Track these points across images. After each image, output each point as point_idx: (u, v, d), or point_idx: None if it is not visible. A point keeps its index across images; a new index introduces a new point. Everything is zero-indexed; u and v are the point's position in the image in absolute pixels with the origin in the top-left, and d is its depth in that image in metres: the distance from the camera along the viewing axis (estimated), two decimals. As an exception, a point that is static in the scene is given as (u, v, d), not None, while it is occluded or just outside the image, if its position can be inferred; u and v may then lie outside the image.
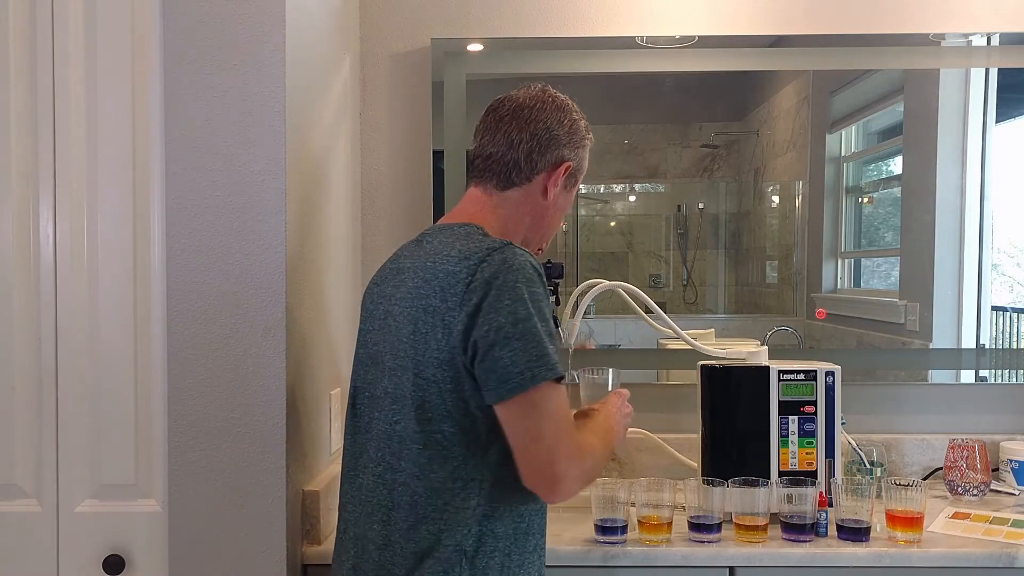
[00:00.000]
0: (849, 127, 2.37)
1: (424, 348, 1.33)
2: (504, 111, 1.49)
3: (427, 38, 2.27)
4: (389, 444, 1.38)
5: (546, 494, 1.33)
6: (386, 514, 1.38)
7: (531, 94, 1.50)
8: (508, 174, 1.47)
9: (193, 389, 1.62)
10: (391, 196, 2.31)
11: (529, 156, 1.46)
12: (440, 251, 1.38)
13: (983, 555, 1.69)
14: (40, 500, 1.68)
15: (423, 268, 1.38)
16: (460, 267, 1.32)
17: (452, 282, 1.32)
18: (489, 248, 1.33)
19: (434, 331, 1.32)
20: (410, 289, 1.38)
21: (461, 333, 1.30)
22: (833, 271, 2.34)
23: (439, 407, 1.33)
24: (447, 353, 1.31)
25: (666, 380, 2.31)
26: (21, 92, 1.65)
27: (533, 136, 1.46)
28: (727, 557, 1.70)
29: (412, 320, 1.35)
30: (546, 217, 1.52)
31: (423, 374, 1.34)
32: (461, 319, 1.30)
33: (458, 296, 1.31)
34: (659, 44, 2.26)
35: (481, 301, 1.29)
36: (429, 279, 1.35)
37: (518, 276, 1.30)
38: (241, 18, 1.61)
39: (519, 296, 1.29)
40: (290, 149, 1.64)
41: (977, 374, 2.29)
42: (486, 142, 1.49)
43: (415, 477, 1.35)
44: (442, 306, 1.32)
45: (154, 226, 1.66)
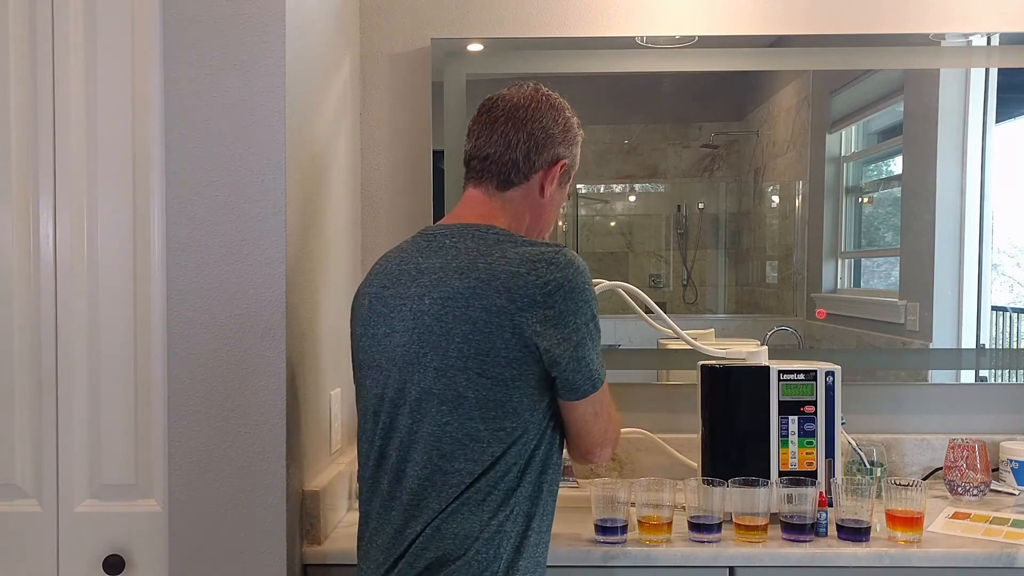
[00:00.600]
0: (849, 127, 2.37)
1: (488, 347, 1.35)
2: (499, 112, 1.50)
3: (427, 38, 2.28)
4: (439, 446, 1.38)
5: (592, 459, 1.52)
6: (432, 515, 1.38)
7: (525, 94, 1.51)
8: (507, 175, 1.48)
9: (193, 389, 1.62)
10: (391, 196, 2.31)
11: (527, 156, 1.48)
12: (488, 252, 1.39)
13: (983, 555, 1.69)
14: (40, 500, 1.68)
15: (472, 268, 1.38)
16: (525, 269, 1.35)
17: (520, 283, 1.35)
18: (552, 251, 1.38)
19: (501, 331, 1.35)
20: (459, 290, 1.37)
21: (540, 335, 1.34)
22: (833, 271, 2.34)
23: (506, 404, 1.37)
24: (517, 352, 1.35)
25: (666, 380, 2.31)
26: (21, 92, 1.65)
27: (530, 136, 1.48)
28: (727, 557, 1.70)
29: (468, 320, 1.36)
30: (543, 214, 1.54)
31: (487, 373, 1.35)
32: (537, 319, 1.34)
33: (530, 298, 1.34)
34: (659, 44, 2.26)
35: (557, 303, 1.35)
36: (488, 280, 1.36)
37: (585, 277, 1.39)
38: (241, 18, 1.61)
39: (589, 297, 1.39)
40: (290, 149, 1.64)
41: (977, 374, 2.29)
42: (482, 143, 1.50)
43: (473, 475, 1.37)
44: (510, 307, 1.34)
45: (154, 226, 1.66)
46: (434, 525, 1.37)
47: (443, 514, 1.37)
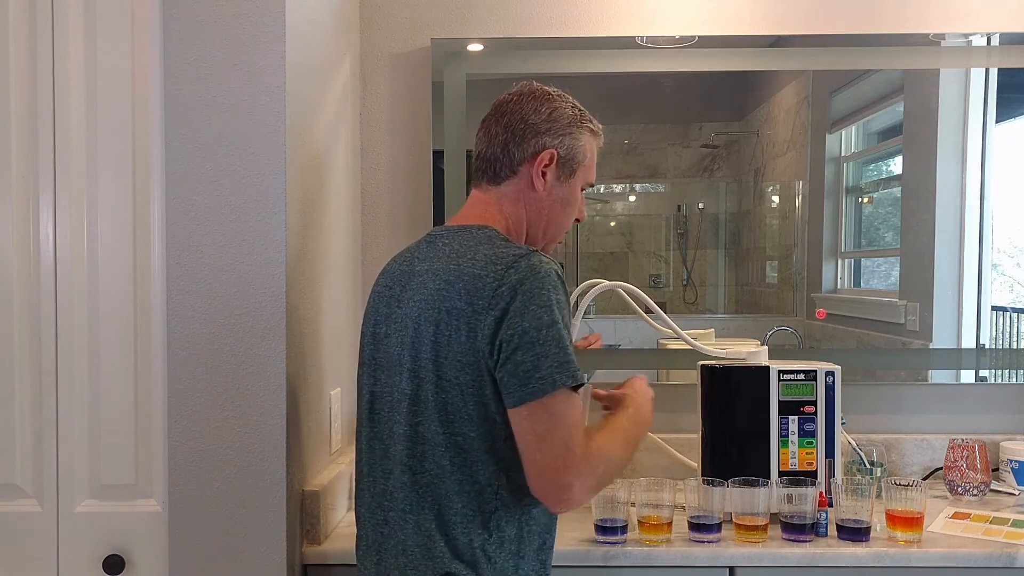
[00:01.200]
0: (849, 127, 2.36)
1: (447, 350, 1.33)
2: (490, 111, 1.51)
3: (427, 38, 2.27)
4: (412, 447, 1.37)
5: (553, 503, 1.33)
6: (403, 517, 1.38)
7: (512, 89, 1.51)
8: (494, 169, 1.47)
9: (193, 389, 1.62)
10: (391, 196, 2.31)
11: (505, 148, 1.46)
12: (463, 254, 1.37)
13: (983, 555, 1.69)
14: (40, 500, 1.68)
15: (444, 271, 1.37)
16: (487, 271, 1.33)
17: (479, 286, 1.32)
18: (516, 254, 1.34)
19: (458, 334, 1.32)
20: (431, 291, 1.37)
21: (488, 337, 1.30)
22: (833, 271, 2.34)
23: (461, 410, 1.34)
24: (471, 356, 1.32)
25: (666, 380, 2.31)
26: (21, 92, 1.65)
27: (507, 128, 1.46)
28: (727, 557, 1.70)
29: (434, 322, 1.35)
30: (543, 211, 1.49)
31: (445, 376, 1.34)
32: (488, 323, 1.30)
33: (485, 300, 1.31)
34: (659, 44, 2.26)
35: (508, 306, 1.30)
36: (452, 281, 1.35)
37: (544, 282, 1.31)
38: (241, 18, 1.61)
39: (545, 302, 1.30)
40: (290, 149, 1.64)
41: (977, 374, 2.28)
42: (476, 142, 1.51)
43: (439, 479, 1.35)
44: (468, 309, 1.32)
45: (154, 226, 1.66)
46: (408, 529, 1.37)
47: (411, 516, 1.37)
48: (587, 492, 1.34)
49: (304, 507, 1.73)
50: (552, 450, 1.29)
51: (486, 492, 1.35)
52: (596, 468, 1.34)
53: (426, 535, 1.35)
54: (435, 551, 1.35)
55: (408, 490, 1.37)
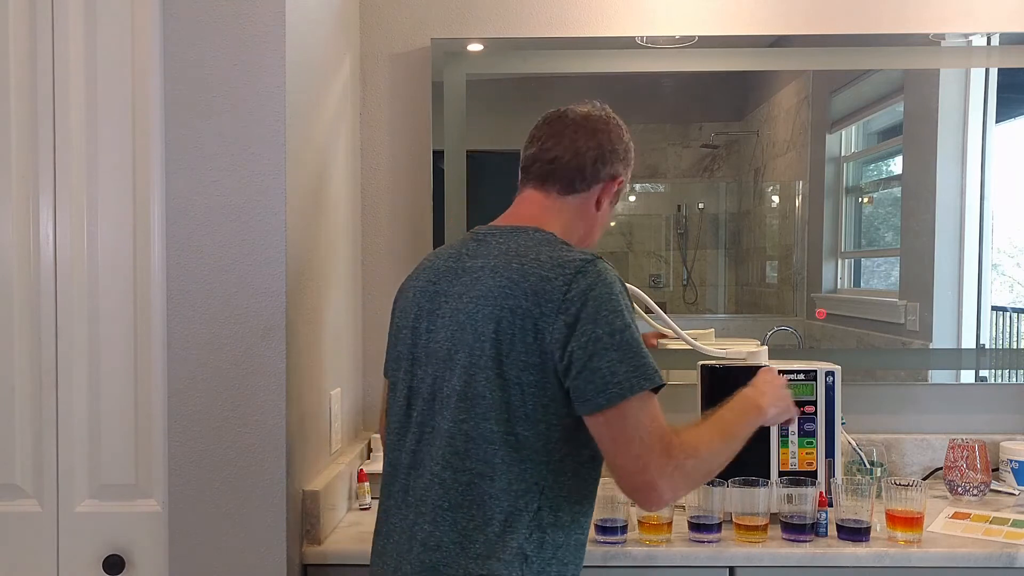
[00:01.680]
0: (849, 127, 2.37)
1: (509, 349, 1.33)
2: (569, 120, 1.51)
3: (427, 38, 2.28)
4: (452, 443, 1.36)
5: (642, 502, 1.36)
6: (439, 515, 1.36)
7: (596, 108, 1.53)
8: (572, 180, 1.49)
9: (193, 389, 1.62)
10: (391, 196, 2.31)
11: (594, 164, 1.49)
12: (523, 253, 1.38)
13: (983, 555, 1.69)
14: (40, 500, 1.68)
15: (506, 268, 1.37)
16: (554, 274, 1.34)
17: (547, 288, 1.33)
18: (583, 259, 1.36)
19: (523, 333, 1.33)
20: (491, 288, 1.36)
21: (558, 341, 1.31)
22: (833, 271, 2.34)
23: (519, 409, 1.34)
24: (536, 357, 1.32)
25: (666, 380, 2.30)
26: (21, 92, 1.65)
27: (600, 146, 1.49)
28: (727, 557, 1.70)
29: (494, 319, 1.34)
30: (593, 229, 1.54)
31: (506, 375, 1.33)
32: (558, 327, 1.31)
33: (555, 303, 1.32)
34: (659, 44, 2.26)
35: (580, 312, 1.31)
36: (517, 280, 1.35)
37: (612, 288, 1.34)
38: (241, 18, 1.61)
39: (616, 307, 1.33)
40: (290, 149, 1.64)
41: (977, 374, 2.29)
42: (551, 146, 1.49)
43: (484, 477, 1.34)
44: (535, 310, 1.33)
45: (154, 226, 1.66)
46: (443, 527, 1.36)
47: (449, 513, 1.36)
48: (677, 489, 1.34)
49: (304, 507, 1.72)
50: (631, 452, 1.31)
51: (532, 492, 1.34)
52: (683, 464, 1.33)
53: (462, 533, 1.35)
54: (472, 550, 1.34)
55: (448, 486, 1.36)
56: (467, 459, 1.35)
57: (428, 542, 1.36)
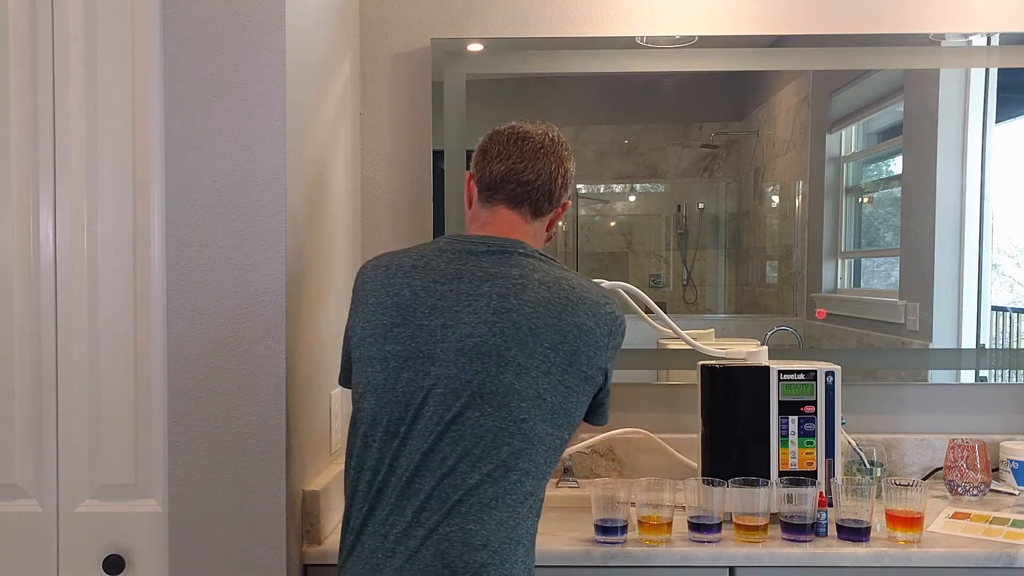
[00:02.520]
0: (849, 127, 2.37)
1: (573, 359, 1.43)
2: (536, 143, 1.55)
3: (427, 38, 2.28)
4: (508, 441, 1.38)
5: None
6: (487, 513, 1.37)
7: (553, 133, 1.58)
8: (540, 204, 1.55)
9: (193, 389, 1.62)
10: (391, 196, 2.31)
11: (561, 190, 1.57)
12: (566, 277, 1.48)
13: (983, 555, 1.69)
14: (40, 500, 1.68)
15: (556, 284, 1.45)
16: (602, 302, 1.48)
17: (602, 312, 1.47)
18: (607, 295, 1.52)
19: (587, 348, 1.44)
20: (548, 299, 1.44)
21: (608, 360, 1.49)
22: (833, 271, 2.34)
23: (572, 415, 1.45)
24: (592, 371, 1.45)
25: (666, 380, 2.31)
26: (21, 92, 1.65)
27: (564, 174, 1.57)
28: (727, 557, 1.70)
29: (559, 331, 1.42)
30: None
31: (567, 382, 1.43)
32: (610, 347, 1.48)
33: (610, 328, 1.47)
34: (659, 44, 2.26)
35: (618, 340, 1.50)
36: (576, 300, 1.45)
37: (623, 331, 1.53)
38: (241, 18, 1.61)
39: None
40: (290, 149, 1.64)
41: (977, 374, 2.28)
42: (523, 167, 1.53)
43: (529, 476, 1.40)
44: (597, 330, 1.45)
45: (154, 226, 1.66)
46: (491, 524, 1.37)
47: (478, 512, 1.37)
48: None
49: (304, 507, 1.73)
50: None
51: (541, 486, 1.45)
52: None
53: (507, 530, 1.38)
54: (508, 544, 1.38)
55: (496, 484, 1.37)
56: (519, 458, 1.39)
57: (473, 542, 1.35)
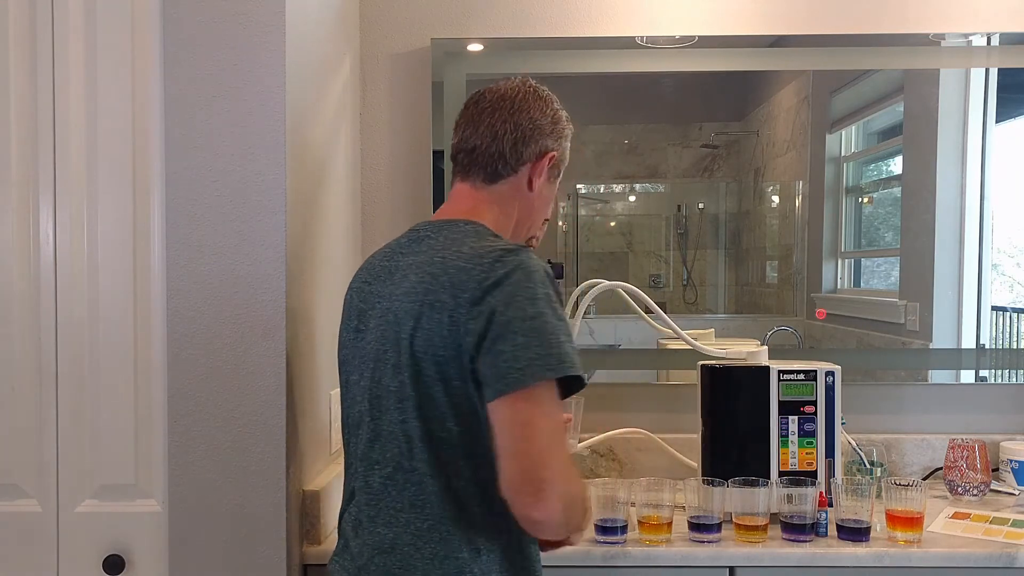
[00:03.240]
0: (849, 127, 2.37)
1: (428, 344, 1.30)
2: (485, 103, 1.46)
3: (427, 38, 2.28)
4: (397, 443, 1.34)
5: (529, 505, 1.22)
6: (393, 516, 1.34)
7: (512, 85, 1.48)
8: (494, 167, 1.44)
9: (193, 389, 1.62)
10: (391, 196, 2.31)
11: (515, 147, 1.44)
12: (448, 247, 1.35)
13: (983, 555, 1.69)
14: (40, 500, 1.68)
15: (429, 263, 1.34)
16: (473, 264, 1.29)
17: (464, 279, 1.28)
18: (505, 248, 1.31)
19: (440, 327, 1.29)
20: (414, 284, 1.33)
21: (473, 332, 1.26)
22: (833, 271, 2.34)
23: (444, 404, 1.30)
24: (454, 350, 1.28)
25: (666, 380, 2.31)
26: (21, 92, 1.65)
27: (517, 127, 1.44)
28: (727, 557, 1.70)
29: (414, 316, 1.31)
30: (532, 209, 1.49)
31: (426, 371, 1.30)
32: (472, 316, 1.26)
33: (470, 293, 1.27)
34: (659, 44, 2.26)
35: (492, 299, 1.26)
36: (437, 274, 1.31)
37: (532, 276, 1.28)
38: (241, 18, 1.61)
39: (531, 295, 1.26)
40: (290, 149, 1.64)
41: (977, 374, 2.29)
42: (469, 135, 1.46)
43: (428, 476, 1.32)
44: (451, 302, 1.28)
45: (154, 226, 1.66)
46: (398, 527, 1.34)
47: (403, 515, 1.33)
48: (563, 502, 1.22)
49: (304, 507, 1.73)
50: (535, 444, 1.22)
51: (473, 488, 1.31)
52: (572, 483, 1.25)
53: (415, 533, 1.32)
54: (425, 549, 1.32)
55: (400, 488, 1.34)
56: (412, 459, 1.32)
57: (382, 545, 1.34)
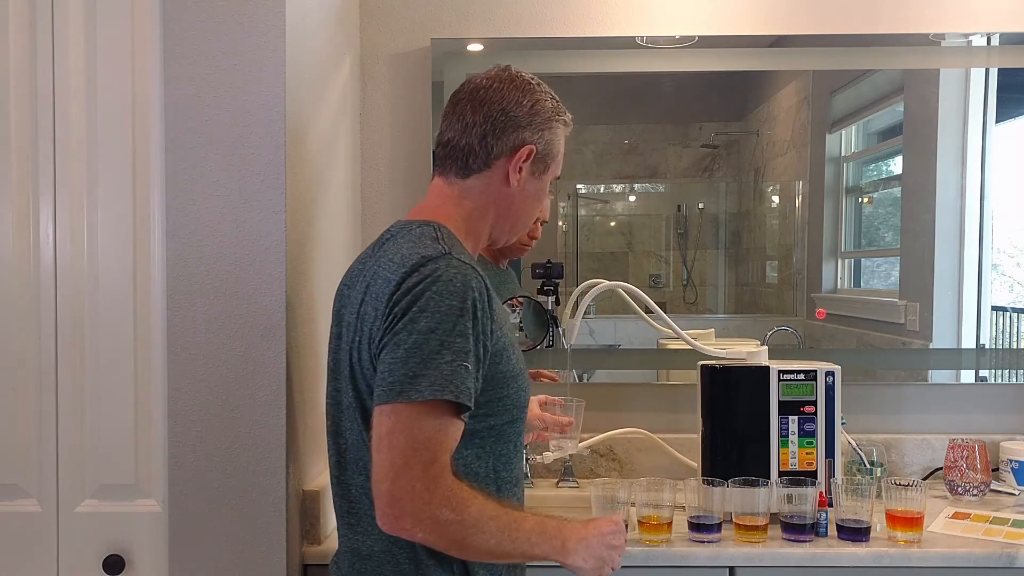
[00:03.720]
0: (849, 127, 2.37)
1: (358, 357, 1.29)
2: (463, 93, 1.39)
3: (427, 38, 2.28)
4: (361, 454, 1.32)
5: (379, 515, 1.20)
6: (370, 523, 1.31)
7: (489, 75, 1.39)
8: (465, 160, 1.37)
9: (193, 389, 1.62)
10: (391, 196, 2.31)
11: (483, 140, 1.35)
12: (389, 254, 1.31)
13: (983, 555, 1.69)
14: (40, 500, 1.68)
15: (370, 273, 1.32)
16: (392, 274, 1.26)
17: (384, 291, 1.25)
18: (424, 256, 1.25)
19: (364, 341, 1.27)
20: (360, 293, 1.32)
21: (377, 341, 1.24)
22: (833, 271, 2.34)
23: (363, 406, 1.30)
24: (369, 364, 1.26)
25: (666, 380, 2.31)
26: (21, 92, 1.65)
27: (487, 118, 1.35)
28: (727, 557, 1.70)
29: (350, 327, 1.32)
30: (513, 207, 1.41)
31: (359, 386, 1.30)
32: (378, 328, 1.24)
33: (382, 304, 1.24)
34: (659, 44, 2.26)
35: (396, 308, 1.22)
36: (370, 284, 1.29)
37: (443, 288, 1.22)
38: (241, 18, 1.61)
39: (429, 308, 1.20)
40: (290, 149, 1.64)
41: (977, 374, 2.29)
42: (445, 127, 1.39)
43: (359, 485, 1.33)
44: (372, 314, 1.26)
45: (154, 226, 1.66)
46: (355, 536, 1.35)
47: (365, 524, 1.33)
48: (423, 528, 1.19)
49: (304, 507, 1.73)
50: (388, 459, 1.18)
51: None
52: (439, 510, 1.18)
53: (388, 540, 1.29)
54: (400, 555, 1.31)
55: (371, 495, 1.27)
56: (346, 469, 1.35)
57: (361, 551, 1.34)
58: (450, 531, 1.20)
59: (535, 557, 1.30)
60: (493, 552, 1.26)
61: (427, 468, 1.18)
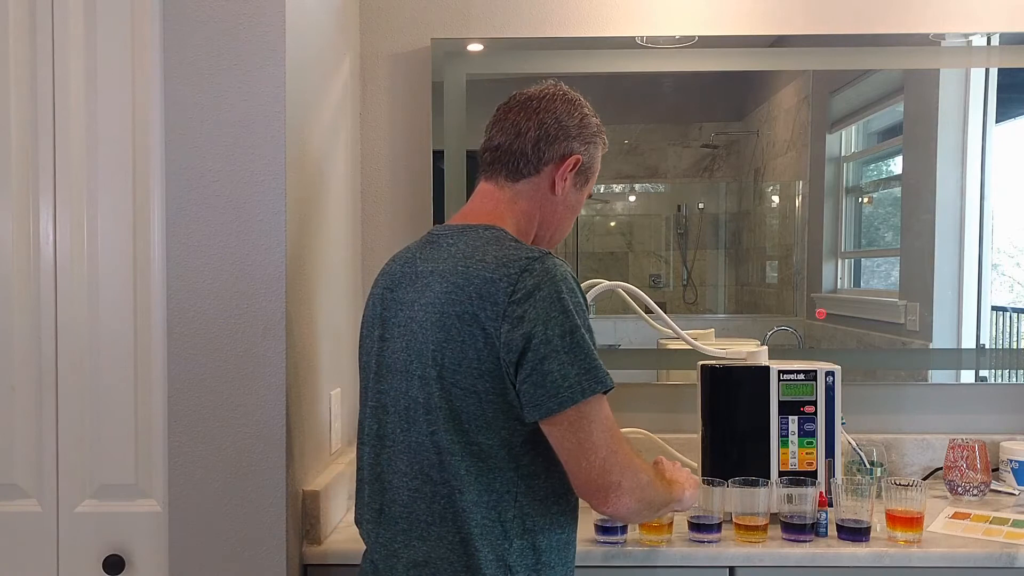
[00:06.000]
0: (849, 127, 2.37)
1: (460, 356, 1.29)
2: (514, 103, 1.46)
3: (427, 38, 2.27)
4: (427, 456, 1.33)
5: (600, 504, 1.32)
6: (425, 529, 1.34)
7: (542, 87, 1.47)
8: (516, 164, 1.43)
9: (193, 389, 1.62)
10: (391, 196, 2.31)
11: (536, 145, 1.42)
12: (471, 255, 1.33)
13: (983, 555, 1.69)
14: (40, 500, 1.68)
15: (451, 272, 1.33)
16: (499, 275, 1.28)
17: (492, 290, 1.28)
18: (529, 256, 1.30)
19: (473, 339, 1.28)
20: (438, 294, 1.32)
21: (506, 345, 1.27)
22: (833, 271, 2.34)
23: (479, 418, 1.30)
24: (489, 363, 1.28)
25: (666, 380, 2.31)
26: (21, 92, 1.65)
27: (541, 125, 1.42)
28: (727, 557, 1.70)
29: (442, 328, 1.30)
30: (556, 214, 1.47)
31: (459, 383, 1.30)
32: (505, 330, 1.27)
33: (500, 306, 1.27)
34: (659, 44, 2.26)
35: (525, 313, 1.26)
36: (463, 284, 1.30)
37: (562, 287, 1.28)
38: (241, 18, 1.61)
39: (564, 307, 1.27)
40: (290, 149, 1.64)
41: (977, 374, 2.29)
42: (494, 133, 1.45)
43: (458, 489, 1.31)
44: (481, 314, 1.28)
45: (154, 226, 1.66)
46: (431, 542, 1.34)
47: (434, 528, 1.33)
48: (633, 497, 1.32)
49: (304, 507, 1.72)
50: (598, 453, 1.29)
51: (505, 501, 1.32)
52: (639, 476, 1.34)
53: (448, 547, 1.32)
54: (457, 564, 1.31)
55: (429, 501, 1.33)
56: (443, 471, 1.32)
57: (417, 557, 1.34)
58: (649, 496, 1.38)
59: (672, 503, 1.50)
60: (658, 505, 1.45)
61: (623, 446, 1.33)
